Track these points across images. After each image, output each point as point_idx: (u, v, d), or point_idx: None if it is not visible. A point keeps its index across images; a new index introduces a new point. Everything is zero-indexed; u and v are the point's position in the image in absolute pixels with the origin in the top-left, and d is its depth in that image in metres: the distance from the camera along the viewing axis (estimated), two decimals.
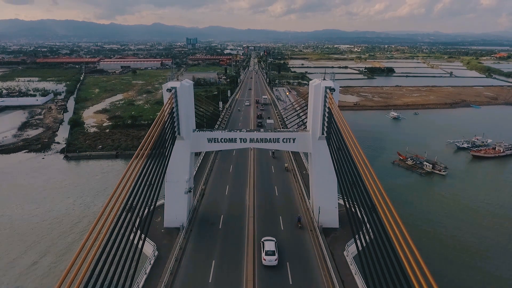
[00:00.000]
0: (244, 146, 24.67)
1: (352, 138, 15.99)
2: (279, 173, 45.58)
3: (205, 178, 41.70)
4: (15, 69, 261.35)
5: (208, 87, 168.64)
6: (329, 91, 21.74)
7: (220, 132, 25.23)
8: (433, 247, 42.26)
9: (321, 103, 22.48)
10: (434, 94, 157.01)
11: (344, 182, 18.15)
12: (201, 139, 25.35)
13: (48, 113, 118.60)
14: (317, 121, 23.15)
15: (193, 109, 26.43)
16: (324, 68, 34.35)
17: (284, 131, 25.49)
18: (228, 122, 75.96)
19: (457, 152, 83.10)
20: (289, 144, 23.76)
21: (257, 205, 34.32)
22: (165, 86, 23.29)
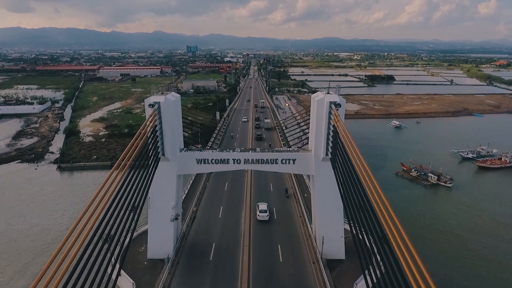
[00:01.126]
0: (238, 168, 21.16)
1: (361, 160, 13.80)
2: (279, 196, 41.02)
3: (197, 198, 38.37)
4: (15, 76, 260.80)
5: (207, 95, 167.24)
6: (334, 107, 18.90)
7: (210, 152, 22.18)
8: (451, 275, 38.98)
9: (325, 120, 19.78)
10: (435, 102, 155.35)
11: (351, 207, 15.90)
12: (189, 160, 22.35)
13: (44, 122, 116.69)
14: (320, 140, 20.48)
15: (180, 126, 23.35)
16: (329, 82, 29.45)
17: (283, 150, 22.44)
18: (224, 136, 70.64)
19: (462, 162, 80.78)
20: (289, 165, 20.51)
21: (253, 230, 31.02)
22: (147, 101, 20.23)
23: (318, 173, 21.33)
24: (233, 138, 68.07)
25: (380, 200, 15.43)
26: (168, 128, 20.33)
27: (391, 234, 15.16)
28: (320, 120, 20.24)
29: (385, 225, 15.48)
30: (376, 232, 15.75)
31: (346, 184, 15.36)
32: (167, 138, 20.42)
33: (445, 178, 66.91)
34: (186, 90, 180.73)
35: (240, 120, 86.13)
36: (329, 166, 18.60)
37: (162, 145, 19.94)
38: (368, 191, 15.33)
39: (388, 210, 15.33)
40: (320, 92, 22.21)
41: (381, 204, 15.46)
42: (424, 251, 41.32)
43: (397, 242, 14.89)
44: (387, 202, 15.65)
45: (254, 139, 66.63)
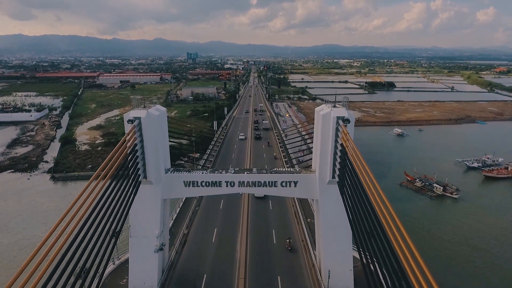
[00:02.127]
0: (231, 191, 18.90)
1: (374, 183, 11.78)
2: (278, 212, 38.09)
3: (189, 218, 34.83)
4: (14, 83, 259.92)
5: (206, 102, 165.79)
6: (342, 123, 16.20)
7: (200, 173, 19.35)
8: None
9: (331, 138, 16.99)
10: (437, 110, 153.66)
11: (362, 236, 13.74)
12: (176, 183, 19.38)
13: (40, 130, 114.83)
14: (326, 161, 17.73)
15: (166, 144, 20.23)
16: (335, 93, 25.50)
17: (283, 172, 19.54)
18: (221, 147, 66.21)
19: (467, 172, 78.54)
20: (290, 189, 17.55)
21: (250, 257, 27.83)
22: (126, 116, 17.33)
23: (323, 198, 18.51)
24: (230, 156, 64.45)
25: (395, 227, 13.32)
26: (151, 147, 17.59)
27: (408, 266, 13.08)
28: (325, 138, 17.37)
29: (402, 256, 13.36)
30: (391, 263, 13.61)
31: (357, 211, 13.25)
32: (149, 159, 17.69)
33: (451, 188, 64.61)
34: (185, 97, 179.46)
35: (237, 135, 76.18)
36: (336, 191, 16.07)
37: (143, 167, 17.31)
38: (381, 219, 13.21)
39: (405, 239, 13.23)
40: (325, 105, 19.15)
41: (397, 233, 13.33)
42: (433, 266, 38.80)
43: (415, 275, 12.80)
44: (404, 230, 13.56)
45: (253, 139, 73.42)
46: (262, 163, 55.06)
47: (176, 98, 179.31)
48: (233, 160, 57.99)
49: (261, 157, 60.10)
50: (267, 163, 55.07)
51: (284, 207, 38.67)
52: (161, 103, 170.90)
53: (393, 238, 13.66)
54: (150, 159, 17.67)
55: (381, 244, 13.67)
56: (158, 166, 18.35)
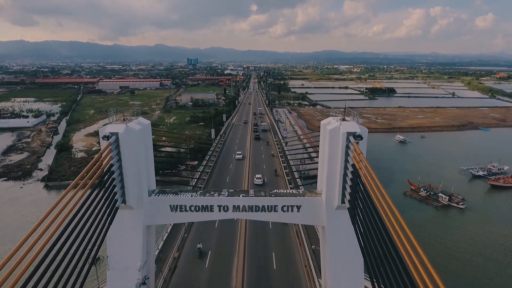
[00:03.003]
0: (224, 217, 16.52)
1: (392, 209, 9.86)
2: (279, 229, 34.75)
3: (181, 239, 31.54)
4: (13, 89, 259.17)
5: (206, 108, 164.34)
6: (353, 140, 13.68)
7: (189, 196, 16.37)
8: None
9: (341, 157, 14.46)
10: (439, 116, 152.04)
11: (376, 264, 11.70)
12: (161, 207, 16.47)
13: (37, 136, 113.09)
14: (334, 183, 15.15)
15: (150, 162, 17.26)
16: (345, 105, 21.57)
17: (284, 194, 16.56)
18: (218, 158, 61.08)
19: (472, 180, 76.49)
20: (292, 214, 15.68)
21: (247, 285, 25.28)
22: (102, 130, 14.68)
23: (331, 225, 15.87)
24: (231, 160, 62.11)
25: (415, 255, 11.31)
26: (131, 167, 14.93)
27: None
28: (333, 156, 14.86)
29: (422, 287, 11.40)
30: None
31: (370, 239, 11.29)
32: (129, 181, 15.01)
33: (457, 198, 62.58)
34: (185, 103, 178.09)
35: (236, 142, 73.16)
36: (345, 217, 13.61)
37: (121, 190, 14.75)
38: (399, 247, 11.19)
39: (426, 268, 11.24)
40: (332, 118, 16.48)
41: (417, 261, 11.35)
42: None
43: None
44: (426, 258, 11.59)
45: (253, 140, 77.00)
46: (261, 162, 60.20)
47: (175, 104, 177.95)
48: (231, 170, 55.92)
49: (260, 154, 66.09)
50: (265, 162, 60.16)
51: (285, 224, 35.81)
52: (160, 109, 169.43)
53: (412, 266, 11.69)
54: (130, 181, 15.04)
55: (397, 273, 11.64)
56: (140, 189, 15.80)
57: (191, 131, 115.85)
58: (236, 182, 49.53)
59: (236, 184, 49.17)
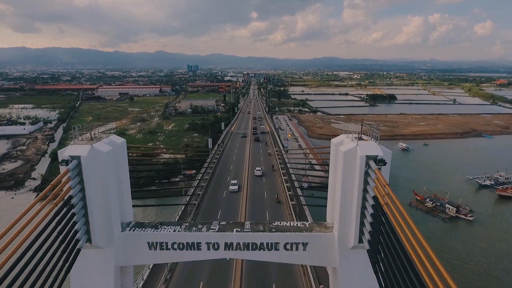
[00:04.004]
0: (215, 256, 13.14)
1: (428, 254, 7.55)
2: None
3: (169, 269, 27.77)
4: (12, 95, 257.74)
5: (205, 115, 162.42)
6: (374, 165, 10.96)
7: (171, 231, 13.12)
8: None
9: (358, 186, 11.44)
10: (441, 123, 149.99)
11: None
12: (138, 244, 13.08)
13: (32, 144, 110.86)
14: (348, 217, 12.05)
15: (125, 190, 13.97)
16: (362, 121, 17.28)
17: (287, 228, 13.31)
18: (214, 171, 56.10)
19: (479, 190, 73.98)
20: (297, 253, 12.53)
21: None
22: (61, 153, 11.79)
23: (345, 268, 12.53)
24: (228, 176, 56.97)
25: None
26: (98, 197, 12.07)
27: None
28: (348, 185, 11.79)
29: None
30: None
31: (396, 285, 9.01)
32: (95, 215, 12.05)
33: (465, 209, 60.07)
34: (184, 110, 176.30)
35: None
36: (363, 259, 11.42)
37: (86, 226, 11.81)
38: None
39: None
40: (345, 136, 13.33)
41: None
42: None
43: None
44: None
45: (252, 141, 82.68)
46: (260, 159, 65.68)
47: (174, 110, 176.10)
48: (230, 172, 54.11)
49: (259, 153, 72.04)
50: (264, 159, 65.53)
51: None
52: (159, 115, 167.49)
53: None
54: (96, 215, 11.99)
55: None
56: (110, 224, 12.61)
57: (189, 139, 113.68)
58: (233, 205, 44.53)
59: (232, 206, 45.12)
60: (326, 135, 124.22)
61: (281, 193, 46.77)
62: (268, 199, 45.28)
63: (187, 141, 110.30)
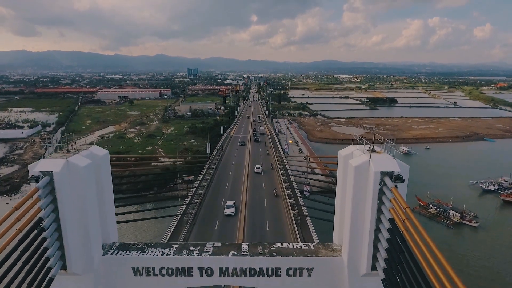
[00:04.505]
0: (208, 283, 11.31)
1: (457, 285, 6.37)
2: None
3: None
4: (12, 99, 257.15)
5: (205, 118, 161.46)
6: (391, 183, 9.65)
7: (158, 255, 11.56)
8: None
9: (371, 206, 9.98)
10: (442, 126, 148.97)
11: None
12: (121, 270, 11.53)
13: (30, 148, 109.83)
14: (360, 241, 10.61)
15: (109, 208, 12.21)
16: (374, 130, 15.56)
17: (290, 250, 11.77)
18: (212, 180, 52.70)
19: (483, 195, 72.78)
20: (301, 279, 11.05)
21: None
22: (31, 168, 10.06)
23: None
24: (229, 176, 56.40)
25: None
26: (74, 218, 10.49)
27: None
28: (359, 203, 10.30)
29: None
30: None
31: None
32: (71, 239, 10.43)
33: (469, 215, 58.86)
34: (183, 113, 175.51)
35: (235, 155, 71.53)
36: (377, 286, 9.79)
37: (60, 251, 10.30)
38: None
39: None
40: (355, 147, 11.59)
41: None
42: None
43: None
44: None
45: (252, 143, 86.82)
46: (259, 158, 69.25)
47: (174, 114, 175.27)
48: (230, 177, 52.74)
49: (258, 152, 76.36)
50: (263, 158, 69.71)
51: None
52: (158, 119, 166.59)
53: None
54: (72, 238, 10.37)
55: None
56: (89, 248, 10.95)
57: (188, 143, 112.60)
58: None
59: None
60: (326, 138, 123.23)
61: (279, 189, 49.32)
62: (267, 193, 49.02)
63: (186, 145, 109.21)
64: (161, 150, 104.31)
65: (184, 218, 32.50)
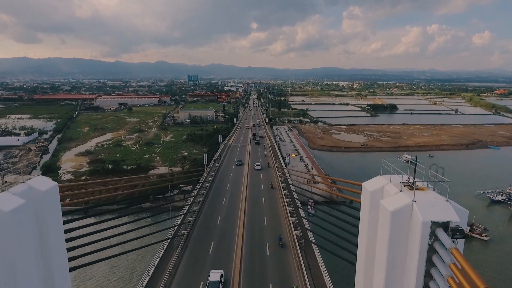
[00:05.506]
0: None
1: None
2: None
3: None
4: (10, 105, 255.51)
5: (204, 125, 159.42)
6: (449, 244, 6.53)
7: None
8: None
9: (417, 267, 6.84)
10: (445, 134, 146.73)
11: None
12: None
13: (24, 156, 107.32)
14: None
15: (60, 254, 9.67)
16: (415, 158, 10.88)
17: None
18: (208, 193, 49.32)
19: (491, 206, 70.14)
20: None
21: None
22: None
23: None
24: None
25: None
26: (3, 273, 7.69)
27: None
28: (398, 261, 7.34)
29: None
30: None
31: None
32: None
33: (479, 228, 56.19)
34: (182, 120, 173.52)
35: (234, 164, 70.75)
36: None
37: None
38: None
39: None
40: (386, 180, 8.97)
41: None
42: None
43: None
44: None
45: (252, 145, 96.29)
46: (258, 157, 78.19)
47: (173, 121, 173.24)
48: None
49: (257, 153, 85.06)
50: (261, 157, 78.78)
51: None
52: (157, 126, 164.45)
53: None
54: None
55: None
56: None
57: (186, 150, 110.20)
58: None
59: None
60: (328, 146, 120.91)
61: (275, 183, 54.55)
62: (264, 185, 55.19)
63: (184, 152, 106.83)
64: (158, 158, 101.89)
65: (175, 240, 29.51)
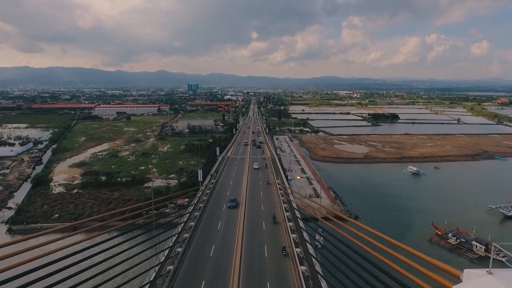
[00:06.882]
0: None
1: None
2: None
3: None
4: (8, 114, 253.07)
5: (203, 135, 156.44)
6: None
7: None
8: None
9: None
10: (449, 144, 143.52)
11: None
12: None
13: (16, 167, 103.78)
14: None
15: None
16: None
17: None
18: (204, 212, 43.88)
19: (504, 222, 66.33)
20: None
21: None
22: None
23: None
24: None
25: None
26: None
27: None
28: None
29: None
30: None
31: None
32: None
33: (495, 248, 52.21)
34: (181, 130, 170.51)
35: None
36: None
37: None
38: None
39: None
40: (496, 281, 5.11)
41: None
42: None
43: None
44: None
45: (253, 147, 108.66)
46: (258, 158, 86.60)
47: (171, 131, 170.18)
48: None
49: (257, 154, 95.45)
50: (260, 158, 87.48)
51: None
52: (155, 136, 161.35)
53: None
54: None
55: None
56: None
57: (184, 162, 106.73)
58: None
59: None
60: (330, 157, 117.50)
61: (271, 179, 60.89)
62: (262, 182, 63.07)
63: (182, 164, 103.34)
64: (155, 170, 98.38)
65: (158, 281, 25.33)
